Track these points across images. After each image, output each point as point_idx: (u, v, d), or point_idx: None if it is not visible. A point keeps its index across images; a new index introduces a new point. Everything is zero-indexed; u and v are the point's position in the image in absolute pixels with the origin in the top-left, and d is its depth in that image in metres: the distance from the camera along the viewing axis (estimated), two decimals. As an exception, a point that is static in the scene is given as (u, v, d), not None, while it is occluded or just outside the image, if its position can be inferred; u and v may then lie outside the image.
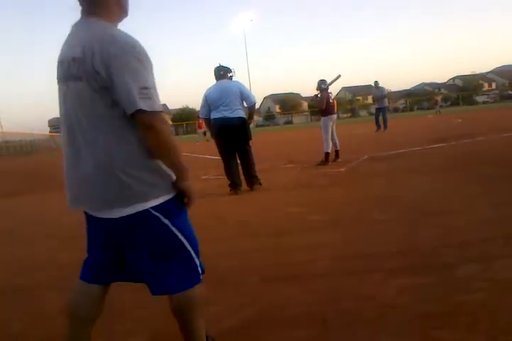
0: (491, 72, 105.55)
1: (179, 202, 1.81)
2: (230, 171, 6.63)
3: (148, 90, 1.61)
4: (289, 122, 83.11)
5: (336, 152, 9.29)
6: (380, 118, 18.24)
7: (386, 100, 18.14)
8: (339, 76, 8.92)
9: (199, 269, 1.84)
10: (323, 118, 9.10)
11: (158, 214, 1.72)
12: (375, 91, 18.56)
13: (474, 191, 5.10)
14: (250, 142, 6.67)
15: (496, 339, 2.00)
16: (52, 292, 3.13)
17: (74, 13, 1.77)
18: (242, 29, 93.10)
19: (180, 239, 1.79)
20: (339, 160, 9.21)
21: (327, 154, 8.95)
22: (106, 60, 1.58)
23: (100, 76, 1.59)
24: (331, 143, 8.99)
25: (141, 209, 1.69)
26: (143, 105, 1.58)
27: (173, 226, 1.77)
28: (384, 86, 18.60)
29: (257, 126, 71.16)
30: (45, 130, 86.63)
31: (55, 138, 65.87)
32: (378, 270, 2.94)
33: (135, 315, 2.64)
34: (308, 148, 12.59)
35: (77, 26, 1.75)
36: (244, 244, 3.86)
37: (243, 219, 4.87)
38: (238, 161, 6.72)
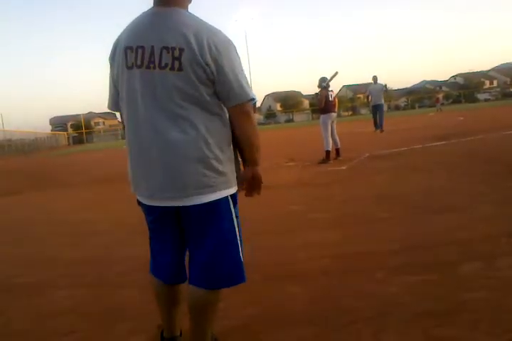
0: (493, 69, 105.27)
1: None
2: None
3: (247, 80, 1.77)
4: (290, 120, 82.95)
5: (337, 150, 9.28)
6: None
7: (382, 97, 16.43)
8: (336, 73, 8.96)
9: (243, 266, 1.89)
10: (322, 116, 9.12)
11: (231, 202, 1.83)
12: (373, 86, 16.58)
13: (476, 189, 5.09)
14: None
15: (499, 337, 2.00)
16: (58, 290, 3.14)
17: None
18: (243, 28, 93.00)
19: (235, 231, 1.87)
20: (340, 158, 9.20)
21: (328, 152, 8.95)
22: (214, 53, 1.66)
23: (209, 68, 1.66)
24: (331, 141, 8.98)
25: (222, 196, 1.77)
26: (251, 94, 1.74)
27: (236, 216, 1.88)
28: (383, 82, 17.11)
29: (258, 124, 71.07)
30: (47, 129, 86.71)
31: (57, 136, 66.01)
32: (380, 268, 2.94)
33: (137, 313, 2.64)
34: (309, 146, 12.57)
35: (156, 15, 1.74)
36: (245, 242, 3.84)
37: (244, 216, 4.84)
38: (239, 159, 6.70)
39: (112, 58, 1.83)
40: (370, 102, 16.58)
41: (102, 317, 2.64)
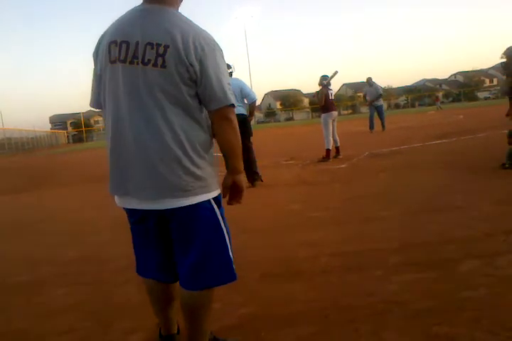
0: (493, 68, 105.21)
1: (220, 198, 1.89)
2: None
3: (230, 85, 1.74)
4: (290, 119, 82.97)
5: (337, 148, 9.28)
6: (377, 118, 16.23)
7: (380, 99, 16.09)
8: (336, 72, 8.97)
9: (233, 265, 1.88)
10: (323, 115, 9.11)
11: (214, 205, 1.81)
12: (368, 88, 16.31)
13: (476, 187, 5.09)
14: (251, 138, 6.66)
15: (498, 334, 2.00)
16: (57, 288, 3.14)
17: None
18: (243, 25, 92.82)
19: (224, 232, 1.84)
20: (340, 156, 9.20)
21: (328, 151, 8.95)
22: (200, 54, 1.65)
23: (193, 68, 1.65)
24: (331, 140, 8.98)
25: (202, 200, 1.76)
26: (232, 100, 1.71)
27: (222, 217, 1.86)
28: (379, 84, 16.47)
29: (258, 122, 71.14)
30: (47, 127, 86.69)
31: (56, 135, 65.97)
32: (380, 266, 2.94)
33: (136, 311, 2.64)
34: (309, 145, 12.58)
35: (144, 12, 1.72)
36: (244, 240, 3.86)
37: (243, 215, 4.86)
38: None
39: (96, 53, 1.80)
40: (368, 103, 16.37)
41: (100, 315, 2.64)
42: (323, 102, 8.93)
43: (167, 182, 1.67)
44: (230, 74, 6.73)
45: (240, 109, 6.47)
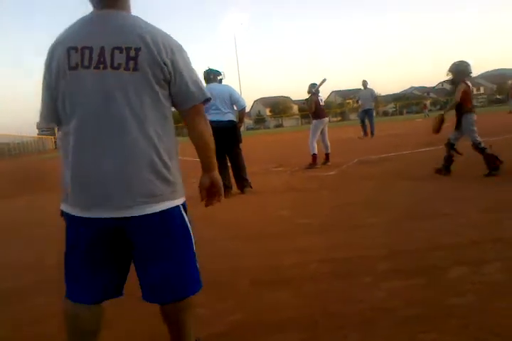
0: (479, 76, 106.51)
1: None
2: (220, 174, 6.60)
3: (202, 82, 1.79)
4: (280, 125, 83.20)
5: (327, 155, 9.32)
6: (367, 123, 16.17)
7: (372, 103, 16.07)
8: (324, 80, 9.08)
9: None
10: (314, 122, 9.17)
11: (183, 210, 1.77)
12: (362, 91, 16.34)
13: (463, 195, 5.13)
14: (240, 145, 6.67)
15: (485, 341, 2.01)
16: (41, 296, 3.09)
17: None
18: (232, 33, 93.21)
19: (192, 240, 1.80)
20: (329, 163, 9.23)
21: (314, 156, 8.97)
22: (170, 54, 1.66)
23: (167, 68, 1.65)
24: (316, 146, 9.01)
25: (174, 205, 1.73)
26: (208, 94, 1.76)
27: (190, 223, 1.80)
28: (373, 88, 16.30)
29: (248, 129, 71.24)
30: (33, 133, 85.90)
31: (43, 140, 65.39)
32: (368, 273, 2.94)
33: (120, 322, 2.61)
34: (298, 151, 12.59)
35: (103, 17, 1.69)
36: (233, 246, 3.85)
37: (233, 222, 4.85)
38: (229, 164, 6.71)
39: (49, 62, 1.70)
40: (360, 107, 16.53)
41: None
42: (313, 109, 8.99)
43: (140, 187, 1.63)
44: (220, 81, 6.75)
45: (230, 116, 6.49)
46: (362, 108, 16.15)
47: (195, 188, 1.94)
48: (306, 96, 9.28)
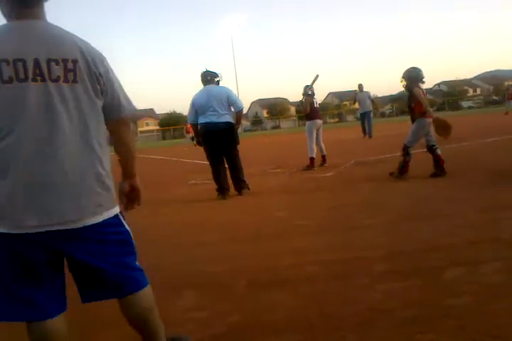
0: (476, 77, 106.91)
1: None
2: (217, 176, 6.62)
3: None
4: (277, 127, 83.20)
5: (323, 157, 9.32)
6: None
7: (370, 105, 16.76)
8: (317, 76, 9.12)
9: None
10: (307, 123, 9.20)
11: (120, 216, 1.81)
12: (359, 95, 17.00)
13: (460, 196, 5.14)
14: (238, 146, 6.68)
15: (482, 342, 2.01)
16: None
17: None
18: (230, 34, 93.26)
19: (132, 242, 1.85)
20: (326, 165, 9.23)
21: (312, 159, 8.99)
22: (101, 64, 1.68)
23: (102, 79, 1.67)
24: (315, 148, 9.03)
25: (116, 213, 1.77)
26: (136, 107, 1.80)
27: (128, 226, 1.85)
28: (368, 90, 17.15)
29: (245, 130, 71.23)
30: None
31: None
32: (365, 274, 2.94)
33: (120, 323, 2.60)
34: (296, 153, 12.60)
35: (28, 28, 1.61)
36: (231, 248, 3.85)
37: (231, 223, 4.86)
38: (226, 166, 6.72)
39: None
40: (359, 110, 16.87)
41: (88, 324, 2.60)
42: (308, 110, 9.00)
43: (87, 199, 1.64)
44: (217, 82, 6.76)
45: (227, 117, 6.49)
46: (361, 110, 16.66)
47: (194, 189, 1.95)
48: (303, 97, 9.28)
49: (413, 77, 6.95)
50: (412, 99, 6.80)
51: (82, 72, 1.61)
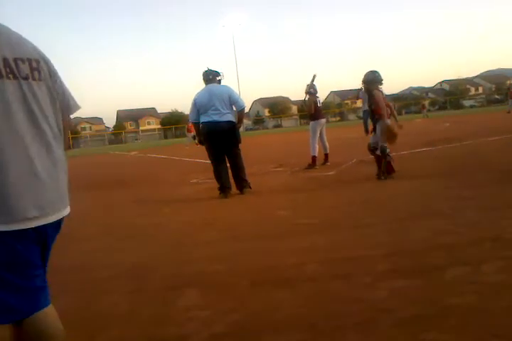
0: (478, 76, 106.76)
1: None
2: (219, 175, 6.62)
3: None
4: (279, 126, 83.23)
5: (326, 155, 9.32)
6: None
7: None
8: (315, 75, 9.12)
9: None
10: (311, 123, 9.19)
11: None
12: (363, 93, 17.66)
13: (462, 194, 5.14)
14: (239, 145, 6.68)
15: (485, 341, 2.01)
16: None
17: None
18: (231, 33, 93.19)
19: None
20: (328, 163, 9.24)
21: (314, 158, 8.99)
22: (52, 65, 1.72)
23: (57, 79, 1.72)
24: (317, 147, 9.04)
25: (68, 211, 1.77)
26: (80, 106, 1.85)
27: None
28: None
29: (247, 129, 71.28)
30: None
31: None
32: (367, 273, 2.94)
33: (124, 320, 2.61)
34: (297, 152, 12.60)
35: None
36: (233, 247, 3.85)
37: (232, 222, 4.86)
38: (228, 165, 6.72)
39: None
40: (362, 107, 16.88)
41: (87, 324, 2.60)
42: (312, 110, 9.01)
43: (63, 192, 1.70)
44: (219, 81, 6.76)
45: (229, 116, 6.49)
46: (364, 108, 16.60)
47: (195, 188, 1.95)
48: (306, 96, 9.28)
49: (371, 79, 7.21)
50: (372, 101, 7.05)
51: (45, 71, 1.65)
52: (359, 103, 17.80)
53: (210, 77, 6.68)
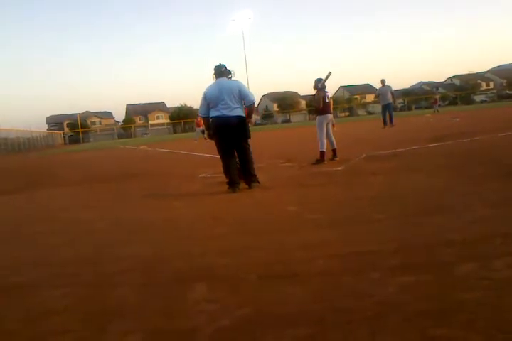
0: (489, 71, 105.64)
1: None
2: (228, 169, 6.63)
3: None
4: (287, 121, 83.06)
5: (333, 151, 9.30)
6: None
7: (391, 98, 18.95)
8: (330, 73, 9.06)
9: None
10: (318, 117, 9.17)
11: None
12: (381, 89, 19.31)
13: (472, 190, 5.11)
14: (249, 140, 6.68)
15: (494, 337, 2.00)
16: (52, 289, 3.12)
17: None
18: (241, 27, 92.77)
19: None
20: (337, 158, 9.21)
21: (322, 153, 8.97)
22: None
23: None
24: (325, 142, 9.02)
25: None
26: None
27: None
28: (391, 85, 19.36)
29: (255, 124, 71.18)
30: (43, 127, 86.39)
31: (53, 135, 65.72)
32: (376, 268, 2.94)
33: (133, 312, 2.63)
34: (306, 147, 12.58)
35: None
36: (242, 242, 3.86)
37: (241, 217, 4.87)
38: (237, 159, 6.72)
39: None
40: (380, 102, 19.30)
41: (97, 316, 2.63)
42: (321, 105, 8.97)
43: None
44: (230, 78, 6.74)
45: (238, 111, 6.49)
46: (383, 102, 18.92)
47: (204, 183, 1.95)
48: (314, 91, 9.25)
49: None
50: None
51: None
52: (369, 98, 18.98)
53: (222, 69, 6.66)
